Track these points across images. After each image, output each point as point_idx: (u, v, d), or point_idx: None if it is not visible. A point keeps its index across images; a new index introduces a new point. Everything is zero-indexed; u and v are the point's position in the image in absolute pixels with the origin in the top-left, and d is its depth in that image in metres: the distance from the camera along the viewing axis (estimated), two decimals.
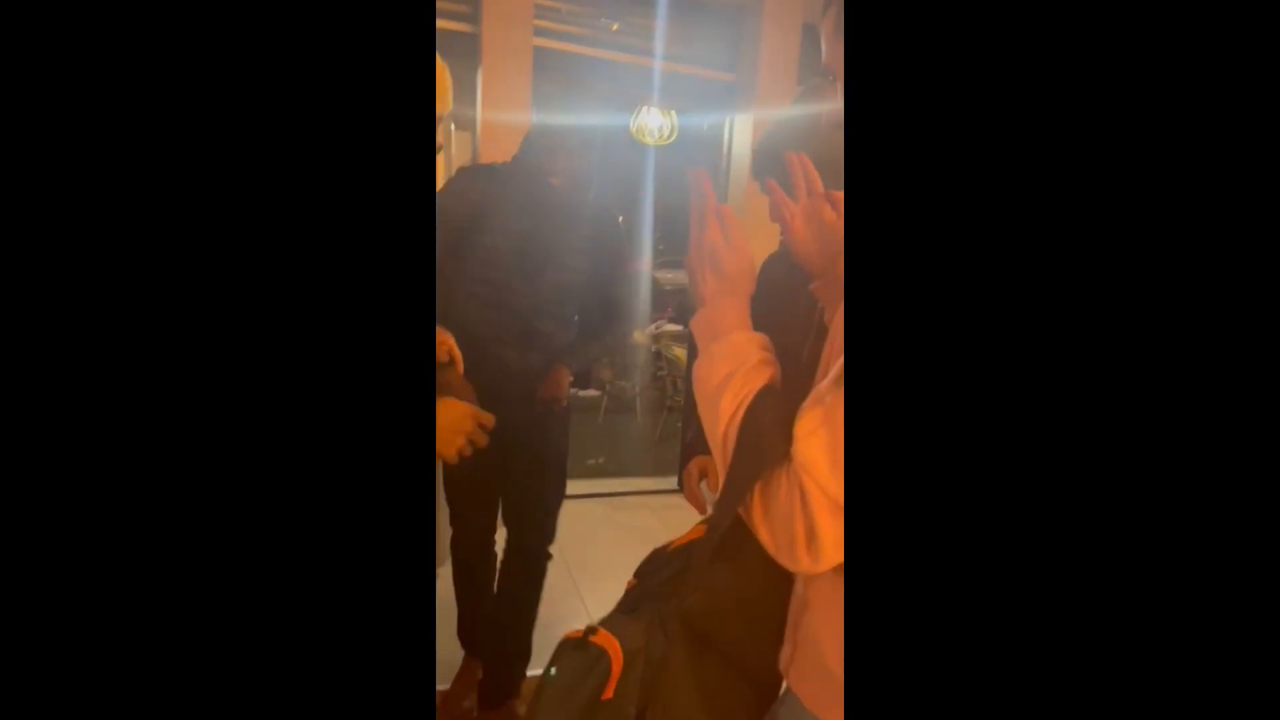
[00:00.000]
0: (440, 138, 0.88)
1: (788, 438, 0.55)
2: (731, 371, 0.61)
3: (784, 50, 3.09)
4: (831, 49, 0.66)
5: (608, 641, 0.68)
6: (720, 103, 3.37)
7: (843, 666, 0.59)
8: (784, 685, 0.72)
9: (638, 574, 0.78)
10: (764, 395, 0.60)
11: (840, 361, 0.55)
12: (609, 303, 1.67)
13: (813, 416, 0.55)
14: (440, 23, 2.61)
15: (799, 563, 0.55)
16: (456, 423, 0.90)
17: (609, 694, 0.66)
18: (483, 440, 0.93)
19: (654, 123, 3.56)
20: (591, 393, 4.82)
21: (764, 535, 0.58)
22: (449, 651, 1.73)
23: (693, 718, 0.67)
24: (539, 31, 2.73)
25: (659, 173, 3.97)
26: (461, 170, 1.54)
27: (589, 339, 1.66)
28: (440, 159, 2.06)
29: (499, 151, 2.15)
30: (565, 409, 1.63)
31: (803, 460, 0.54)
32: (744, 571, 0.69)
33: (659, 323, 5.14)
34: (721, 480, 0.60)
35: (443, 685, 1.72)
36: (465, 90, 2.72)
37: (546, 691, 0.68)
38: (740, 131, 3.31)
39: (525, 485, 1.62)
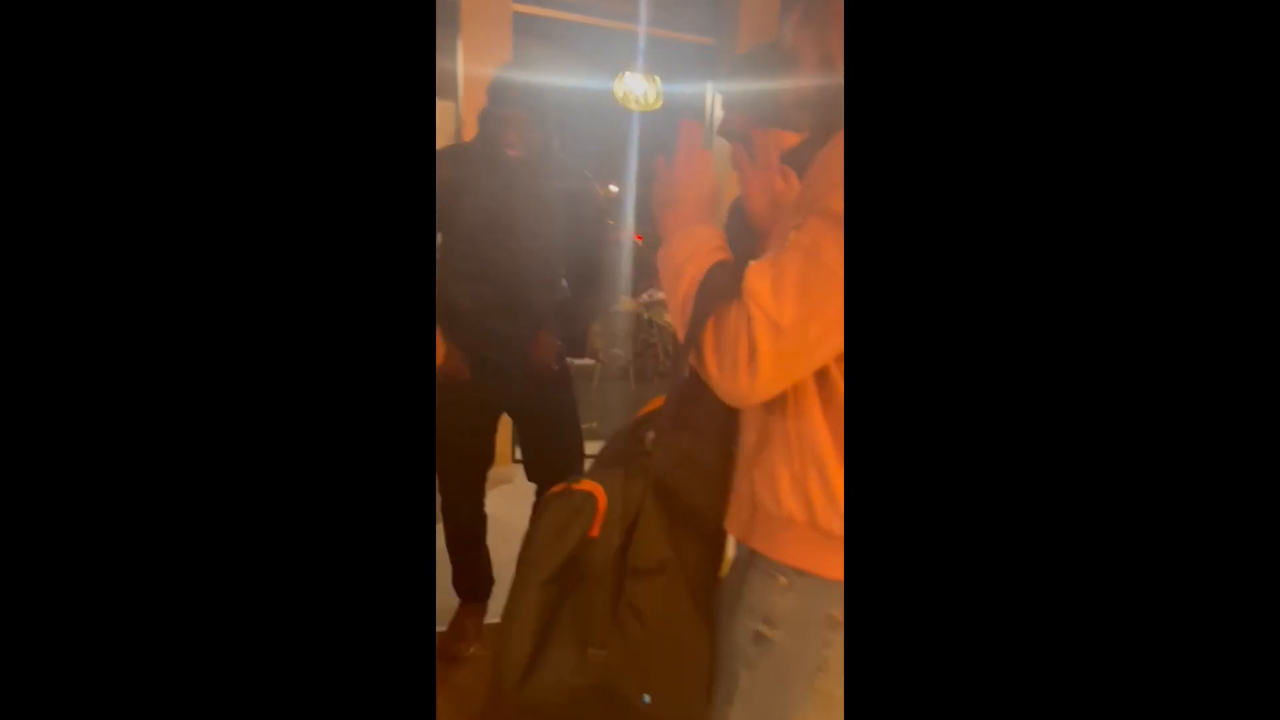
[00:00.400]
0: None
1: (739, 289, 0.65)
2: (693, 253, 0.72)
3: (763, 13, 3.09)
4: (797, 34, 0.74)
5: (592, 486, 0.77)
6: (704, 68, 3.38)
7: (780, 505, 0.69)
8: (731, 556, 0.82)
9: (610, 441, 0.87)
10: (720, 266, 0.70)
11: (792, 234, 0.63)
12: (591, 266, 1.73)
13: (762, 262, 0.65)
14: None
15: (739, 381, 0.64)
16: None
17: (595, 532, 0.75)
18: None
19: (638, 89, 3.56)
20: (586, 361, 4.88)
21: (711, 362, 0.67)
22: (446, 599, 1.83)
23: (664, 551, 0.76)
24: None
25: (644, 139, 3.97)
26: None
27: (574, 303, 1.72)
28: None
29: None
30: (562, 370, 1.70)
31: (750, 289, 0.63)
32: (701, 437, 0.79)
33: (650, 291, 5.18)
34: (681, 337, 0.69)
35: (440, 627, 1.81)
36: (446, 57, 2.74)
37: (537, 536, 0.77)
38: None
39: (544, 444, 1.74)
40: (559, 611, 0.76)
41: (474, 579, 1.81)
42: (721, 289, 0.67)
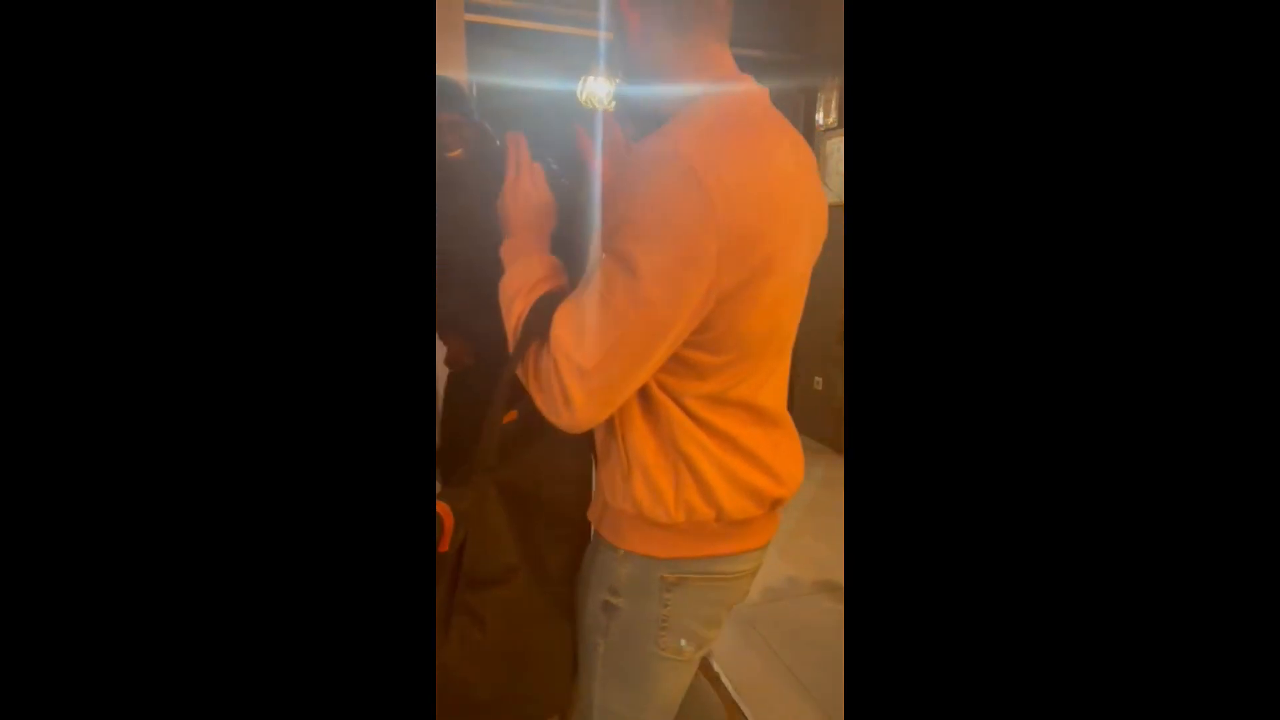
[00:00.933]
0: None
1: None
2: (521, 287, 0.78)
3: None
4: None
5: (441, 508, 0.84)
6: None
7: (616, 500, 0.78)
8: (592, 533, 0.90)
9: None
10: (546, 299, 0.76)
11: (595, 273, 0.70)
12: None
13: (565, 307, 0.71)
14: None
15: (561, 417, 0.71)
16: None
17: (444, 548, 0.83)
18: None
19: (601, 90, 3.68)
20: None
21: (539, 399, 0.74)
22: None
23: (510, 559, 0.86)
24: (473, 8, 2.85)
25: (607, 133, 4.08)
26: None
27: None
28: None
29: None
30: None
31: (555, 336, 0.68)
32: (551, 445, 0.88)
33: None
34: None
35: None
36: None
37: None
38: None
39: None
40: None
41: None
42: (541, 328, 0.72)
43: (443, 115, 1.57)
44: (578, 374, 0.67)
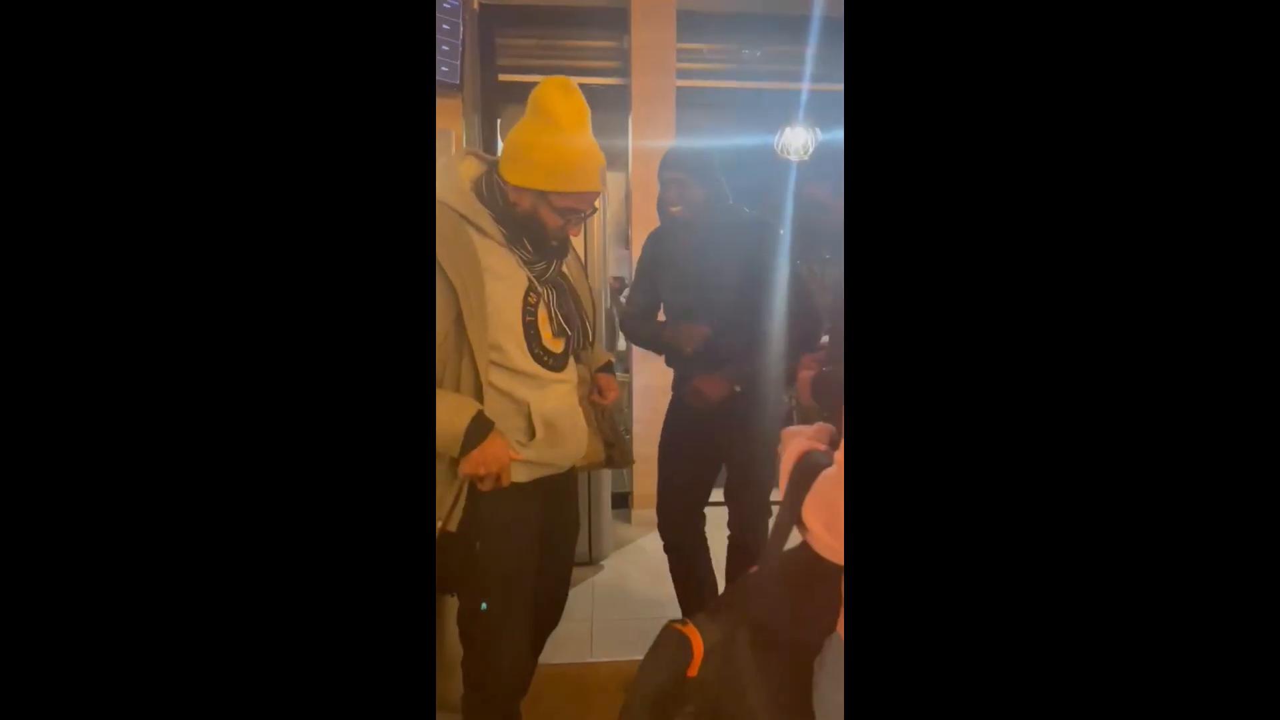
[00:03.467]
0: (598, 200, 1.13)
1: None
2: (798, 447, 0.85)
3: None
4: None
5: (693, 634, 0.91)
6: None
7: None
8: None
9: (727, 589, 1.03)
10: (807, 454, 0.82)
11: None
12: (794, 299, 1.74)
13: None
14: (594, 80, 2.98)
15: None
16: None
17: (693, 672, 0.90)
18: None
19: (796, 141, 3.69)
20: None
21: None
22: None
23: (752, 694, 0.89)
24: (683, 74, 3.00)
25: (800, 186, 4.06)
26: (649, 235, 1.90)
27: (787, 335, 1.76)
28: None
29: (648, 184, 2.42)
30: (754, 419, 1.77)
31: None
32: (797, 591, 0.91)
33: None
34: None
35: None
36: (618, 135, 3.07)
37: (645, 668, 0.93)
38: None
39: (740, 496, 1.84)
40: None
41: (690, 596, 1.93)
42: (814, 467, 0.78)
43: (670, 174, 1.72)
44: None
